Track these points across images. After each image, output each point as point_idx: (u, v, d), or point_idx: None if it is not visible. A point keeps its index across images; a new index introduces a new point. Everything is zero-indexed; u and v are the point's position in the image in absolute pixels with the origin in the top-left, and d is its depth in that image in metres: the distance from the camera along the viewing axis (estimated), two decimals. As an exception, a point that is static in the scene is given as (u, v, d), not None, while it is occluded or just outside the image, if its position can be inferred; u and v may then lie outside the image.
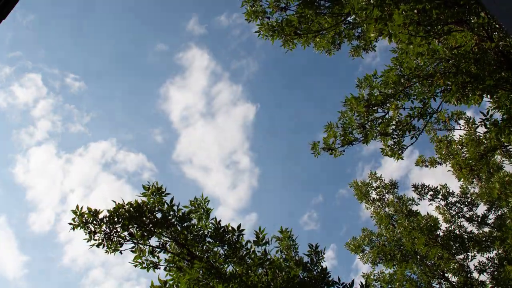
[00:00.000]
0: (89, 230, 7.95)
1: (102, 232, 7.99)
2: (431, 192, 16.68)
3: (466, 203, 16.34)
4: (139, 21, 32.76)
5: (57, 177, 38.07)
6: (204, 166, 39.29)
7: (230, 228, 8.34)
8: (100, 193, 37.59)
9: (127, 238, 8.16)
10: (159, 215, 8.34)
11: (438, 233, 15.10)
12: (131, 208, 8.02)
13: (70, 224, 7.99)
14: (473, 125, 13.16)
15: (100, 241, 8.01)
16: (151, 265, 8.26)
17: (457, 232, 15.49)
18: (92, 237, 7.98)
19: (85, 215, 7.95)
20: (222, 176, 39.32)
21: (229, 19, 33.27)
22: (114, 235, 8.00)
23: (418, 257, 14.85)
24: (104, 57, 33.95)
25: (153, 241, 8.46)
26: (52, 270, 36.05)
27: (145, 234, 8.11)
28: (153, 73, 35.69)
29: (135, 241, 8.19)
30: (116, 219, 7.94)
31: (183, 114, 38.29)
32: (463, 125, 13.58)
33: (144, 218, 8.09)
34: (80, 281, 35.11)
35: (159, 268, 8.36)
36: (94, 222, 7.94)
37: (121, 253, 8.16)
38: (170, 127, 38.23)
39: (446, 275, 14.92)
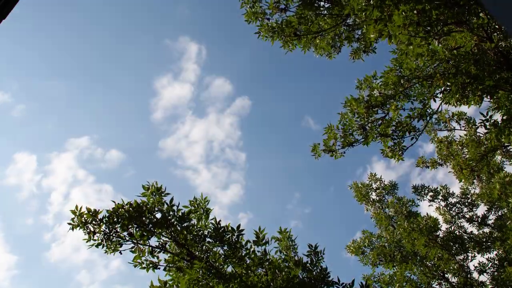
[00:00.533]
0: (88, 230, 7.96)
1: (102, 232, 7.99)
2: (431, 193, 16.70)
3: (466, 203, 16.34)
4: (121, 11, 31.77)
5: (38, 176, 37.68)
6: (193, 163, 38.67)
7: (229, 228, 8.35)
8: (81, 192, 37.27)
9: (127, 238, 8.16)
10: (158, 215, 8.35)
11: (438, 234, 15.10)
12: (130, 208, 8.03)
13: (69, 224, 8.00)
14: (474, 126, 13.17)
15: (100, 241, 8.02)
16: (150, 265, 8.27)
17: (457, 233, 15.49)
18: (92, 237, 7.98)
19: (84, 215, 7.95)
20: (213, 173, 38.75)
21: (219, 7, 32.33)
22: (114, 235, 8.01)
23: (418, 258, 14.84)
24: (86, 52, 33.04)
25: (153, 241, 8.47)
26: (36, 271, 35.75)
27: (145, 234, 8.12)
28: (138, 67, 34.60)
29: (135, 241, 8.19)
30: (115, 219, 7.94)
31: (169, 109, 37.35)
32: (463, 126, 13.60)
33: (143, 218, 8.09)
34: (66, 283, 34.88)
35: (159, 268, 8.36)
36: (94, 222, 7.95)
37: (121, 253, 8.17)
38: (156, 124, 37.37)
39: (446, 275, 14.91)
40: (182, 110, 37.63)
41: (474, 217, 16.09)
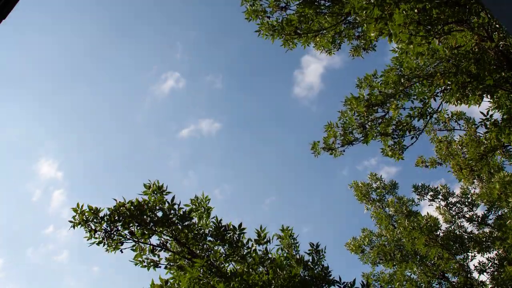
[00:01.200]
0: (89, 228, 7.97)
1: (103, 231, 8.01)
2: (431, 193, 16.72)
3: (467, 203, 16.36)
4: (102, 5, 30.59)
5: (18, 177, 37.14)
6: (180, 163, 37.90)
7: (231, 227, 8.36)
8: (62, 195, 36.81)
9: (128, 237, 8.17)
10: (159, 214, 8.36)
11: (438, 233, 15.11)
12: (131, 207, 8.04)
13: (71, 222, 8.01)
14: (473, 125, 13.18)
15: (101, 239, 8.04)
16: (151, 263, 8.28)
17: (457, 232, 15.51)
18: (93, 236, 7.99)
19: (86, 213, 7.97)
20: (202, 172, 38.13)
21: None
22: (115, 233, 8.02)
23: (418, 257, 14.86)
24: (66, 49, 31.75)
25: (154, 240, 8.48)
26: (19, 273, 35.23)
27: (146, 232, 8.13)
28: (122, 62, 33.11)
29: (136, 239, 8.21)
30: (117, 218, 7.95)
31: (155, 107, 36.22)
32: (463, 125, 13.62)
33: (144, 217, 8.11)
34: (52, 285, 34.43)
35: (160, 267, 8.38)
36: (95, 220, 7.96)
37: (122, 252, 8.19)
38: (140, 123, 36.24)
39: (446, 275, 14.93)
40: (168, 108, 36.91)
41: (474, 216, 16.10)
